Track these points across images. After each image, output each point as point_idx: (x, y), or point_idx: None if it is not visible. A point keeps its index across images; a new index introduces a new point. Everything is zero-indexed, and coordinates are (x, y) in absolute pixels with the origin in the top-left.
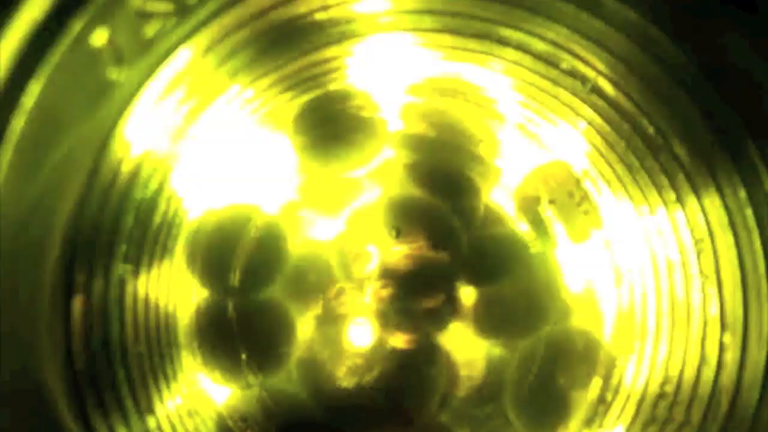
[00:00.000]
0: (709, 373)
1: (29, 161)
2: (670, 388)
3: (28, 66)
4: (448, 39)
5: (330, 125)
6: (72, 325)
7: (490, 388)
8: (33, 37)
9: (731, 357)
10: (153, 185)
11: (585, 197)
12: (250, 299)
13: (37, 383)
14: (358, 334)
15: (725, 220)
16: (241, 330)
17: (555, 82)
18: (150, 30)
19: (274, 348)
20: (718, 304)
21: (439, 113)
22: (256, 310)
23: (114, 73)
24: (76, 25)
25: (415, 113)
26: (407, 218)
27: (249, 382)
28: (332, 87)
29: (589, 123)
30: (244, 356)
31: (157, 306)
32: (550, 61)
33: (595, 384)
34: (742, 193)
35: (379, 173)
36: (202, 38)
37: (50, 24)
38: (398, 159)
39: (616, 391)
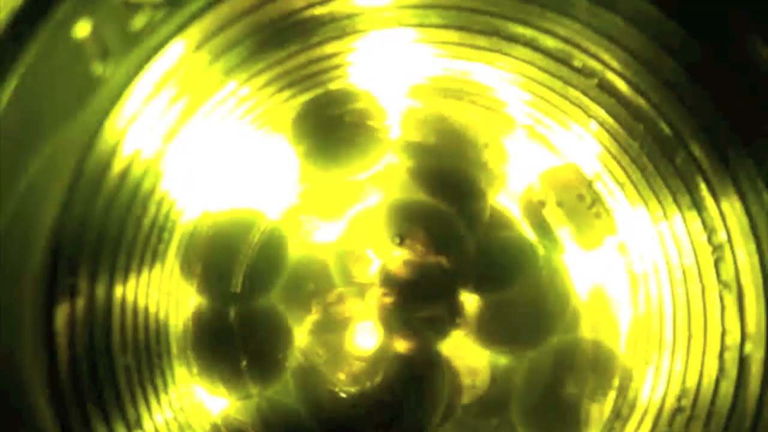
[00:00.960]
0: (728, 387)
1: (9, 164)
2: (687, 402)
3: (4, 59)
4: (454, 35)
5: (331, 128)
6: (55, 334)
7: (496, 399)
8: (11, 28)
9: (754, 370)
10: (143, 187)
11: (597, 200)
12: (250, 306)
13: (19, 395)
14: (358, 341)
15: (746, 225)
16: (242, 337)
17: (566, 81)
18: (138, 22)
19: (274, 355)
20: (739, 314)
21: (444, 116)
22: (258, 316)
23: (99, 68)
24: (57, 15)
25: (419, 115)
26: (410, 222)
27: (249, 391)
28: (332, 86)
29: (601, 123)
30: (244, 363)
31: (147, 314)
32: (561, 59)
33: (610, 397)
34: (766, 197)
35: (381, 177)
36: (194, 32)
37: (30, 13)
38: (401, 163)
39: (633, 406)
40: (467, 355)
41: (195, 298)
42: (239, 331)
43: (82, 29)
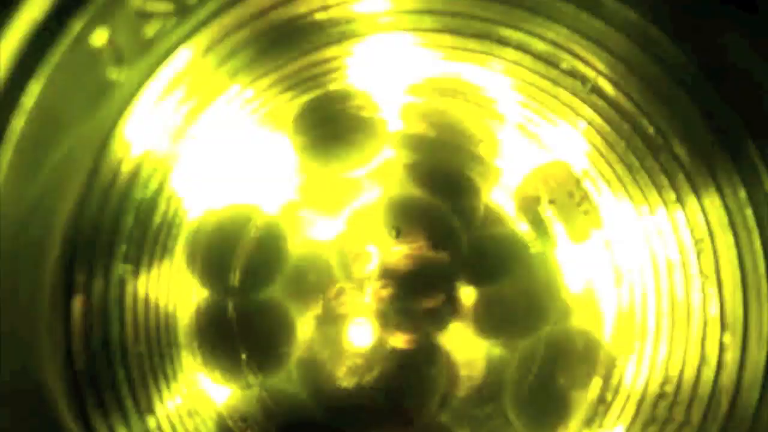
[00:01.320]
0: (708, 373)
1: (29, 161)
2: (670, 388)
3: (27, 66)
4: (447, 39)
5: (330, 125)
6: (72, 324)
7: (489, 388)
8: (33, 37)
9: (731, 357)
10: (153, 185)
11: (585, 197)
12: (250, 299)
13: (36, 383)
14: (358, 334)
15: (725, 219)
16: (241, 330)
17: (555, 82)
18: (150, 30)
19: (274, 348)
20: (718, 304)
21: (439, 113)
22: (257, 309)
23: (114, 73)
24: (76, 25)
25: (415, 113)
26: (407, 218)
27: (249, 381)
28: (332, 87)
29: (589, 123)
30: (244, 356)
31: (157, 306)
32: (549, 61)
33: (595, 384)
34: (742, 193)
35: (378, 173)
36: (202, 38)
37: (50, 24)
38: (398, 159)
39: (616, 391)
40: (463, 346)
41: (198, 291)
42: (238, 324)
43: (99, 38)
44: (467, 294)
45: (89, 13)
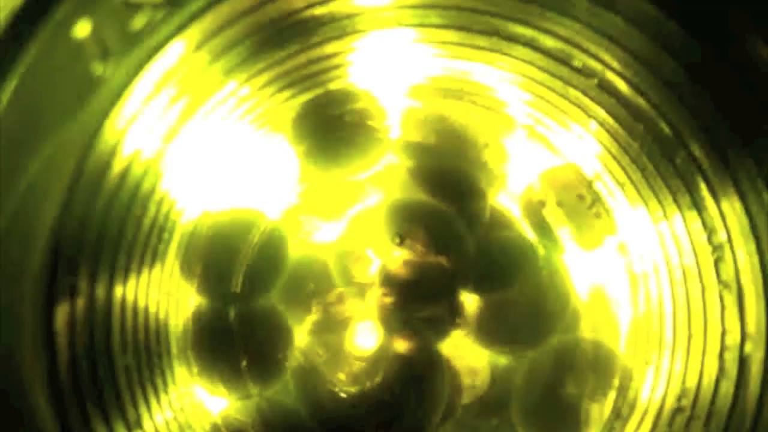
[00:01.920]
0: (728, 386)
1: (8, 164)
2: (687, 402)
3: (4, 60)
4: (454, 35)
5: (331, 129)
6: (56, 334)
7: (496, 399)
8: (11, 28)
9: (754, 370)
10: (143, 187)
11: (597, 200)
12: (251, 306)
13: (18, 395)
14: (358, 341)
15: (746, 225)
16: (242, 337)
17: (566, 81)
18: (138, 22)
19: (275, 354)
20: (739, 314)
21: (444, 115)
22: (258, 316)
23: (99, 68)
24: (57, 15)
25: (418, 117)
26: (409, 222)
27: (249, 391)
28: (332, 86)
29: (601, 123)
30: (244, 364)
31: (147, 314)
32: (561, 59)
33: (610, 397)
34: (766, 197)
35: (381, 177)
36: (195, 32)
37: (28, 15)
38: (401, 163)
39: (632, 406)
40: (467, 355)
41: (195, 297)
42: (239, 331)
43: (82, 29)
44: (472, 302)
45: (71, 3)
